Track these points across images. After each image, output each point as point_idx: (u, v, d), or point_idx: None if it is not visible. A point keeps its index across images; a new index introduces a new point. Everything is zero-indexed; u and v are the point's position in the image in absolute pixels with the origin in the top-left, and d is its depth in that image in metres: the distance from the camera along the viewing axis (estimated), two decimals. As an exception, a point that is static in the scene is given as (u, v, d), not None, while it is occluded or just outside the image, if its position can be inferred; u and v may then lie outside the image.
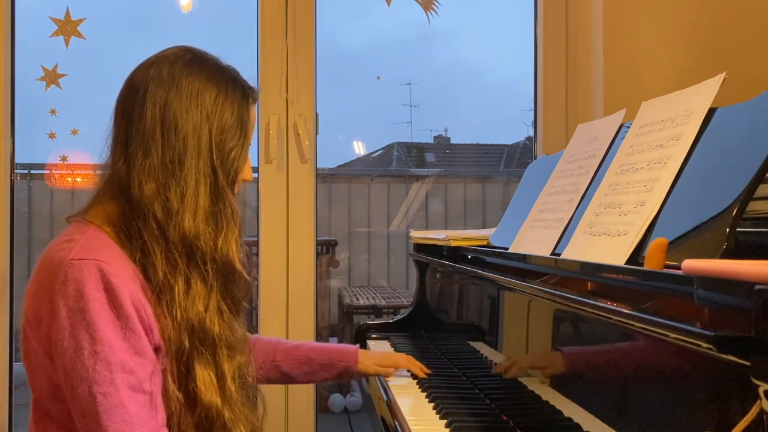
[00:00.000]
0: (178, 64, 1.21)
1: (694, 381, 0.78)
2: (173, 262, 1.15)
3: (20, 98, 2.61)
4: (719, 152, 1.02)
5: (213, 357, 1.17)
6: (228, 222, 1.20)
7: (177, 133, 1.17)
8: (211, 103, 1.20)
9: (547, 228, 1.40)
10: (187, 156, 1.17)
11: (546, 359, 1.22)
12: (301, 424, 2.59)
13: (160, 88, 1.18)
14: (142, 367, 1.09)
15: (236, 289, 1.23)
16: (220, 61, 1.26)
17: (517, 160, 4.45)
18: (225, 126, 1.21)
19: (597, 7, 2.49)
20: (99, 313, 1.06)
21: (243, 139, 1.24)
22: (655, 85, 2.17)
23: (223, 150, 1.20)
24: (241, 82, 1.26)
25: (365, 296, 4.04)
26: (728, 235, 0.88)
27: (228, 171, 1.21)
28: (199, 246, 1.16)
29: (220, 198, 1.19)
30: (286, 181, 2.60)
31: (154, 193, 1.15)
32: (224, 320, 1.19)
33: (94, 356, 1.05)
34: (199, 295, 1.16)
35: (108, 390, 1.05)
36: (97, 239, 1.13)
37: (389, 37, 5.42)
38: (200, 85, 1.20)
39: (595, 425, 0.99)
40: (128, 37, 3.34)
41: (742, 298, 0.65)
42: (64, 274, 1.07)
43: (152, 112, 1.17)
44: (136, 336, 1.08)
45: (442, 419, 1.34)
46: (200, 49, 1.26)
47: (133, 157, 1.17)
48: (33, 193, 3.59)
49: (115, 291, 1.07)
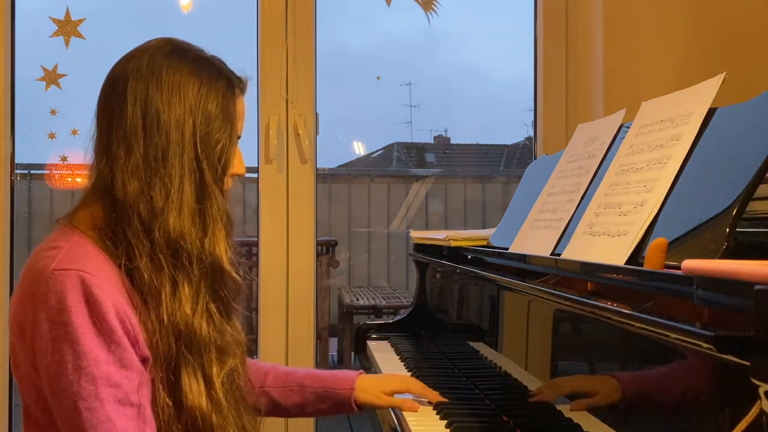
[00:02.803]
0: (157, 56, 1.15)
1: (694, 381, 0.78)
2: (159, 264, 1.10)
3: (20, 98, 2.61)
4: (719, 152, 1.02)
5: (200, 361, 1.12)
6: (215, 220, 1.15)
7: (159, 128, 1.12)
8: (194, 95, 1.14)
9: (547, 228, 1.40)
10: (171, 151, 1.12)
11: (546, 360, 1.22)
12: (301, 424, 2.59)
13: (140, 82, 1.13)
14: (129, 380, 1.05)
15: (226, 290, 1.17)
16: (203, 52, 1.20)
17: (517, 160, 4.45)
18: (209, 118, 1.15)
19: (597, 7, 2.49)
20: (81, 326, 1.02)
21: (230, 131, 1.17)
22: (655, 85, 2.16)
23: (208, 144, 1.15)
24: (226, 72, 1.20)
25: (365, 296, 4.04)
26: (728, 235, 0.88)
27: (215, 166, 1.15)
28: (185, 246, 1.11)
29: (206, 195, 1.14)
30: (286, 181, 2.60)
31: (138, 193, 1.10)
32: (213, 323, 1.14)
33: (78, 371, 1.01)
34: (186, 297, 1.11)
35: (93, 405, 1.02)
36: (81, 247, 1.09)
37: (390, 39, 5.42)
38: (182, 77, 1.14)
39: (595, 425, 0.99)
40: (128, 37, 3.33)
41: (742, 298, 0.65)
42: (46, 285, 1.04)
43: (133, 107, 1.12)
44: (121, 348, 1.04)
45: (443, 419, 1.34)
46: (182, 40, 1.21)
47: (115, 156, 1.12)
48: (33, 193, 3.58)
49: (98, 302, 1.03)
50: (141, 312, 1.10)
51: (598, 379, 1.04)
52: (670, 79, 2.28)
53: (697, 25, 2.31)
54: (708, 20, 2.31)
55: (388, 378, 1.53)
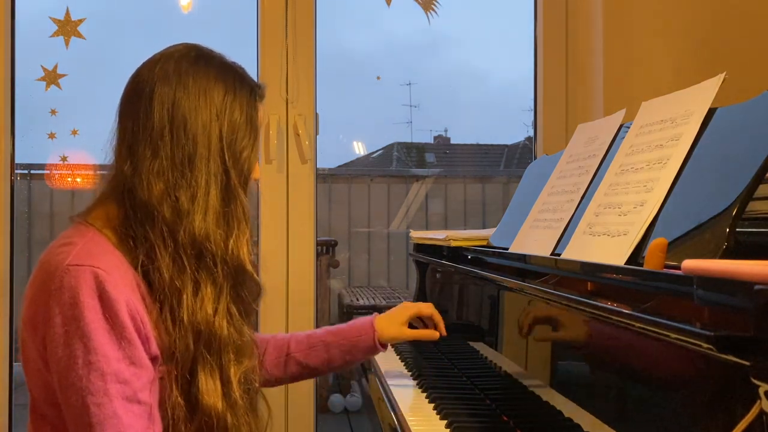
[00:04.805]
0: (183, 62, 1.18)
1: (694, 381, 0.78)
2: (181, 264, 1.12)
3: (20, 98, 2.61)
4: (719, 152, 1.02)
5: (219, 362, 1.14)
6: (239, 222, 1.17)
7: (186, 131, 1.14)
8: (220, 101, 1.17)
9: (547, 228, 1.40)
10: (197, 156, 1.14)
11: (546, 360, 1.22)
12: (301, 424, 2.59)
13: (166, 87, 1.15)
14: (138, 377, 1.06)
15: (246, 291, 1.20)
16: (225, 59, 1.23)
17: (517, 160, 4.44)
18: (235, 125, 1.18)
19: (597, 7, 2.49)
20: (94, 321, 1.03)
21: (254, 139, 1.21)
22: (655, 85, 2.16)
23: (234, 150, 1.17)
24: (249, 79, 1.24)
25: (365, 296, 4.04)
26: (728, 235, 0.88)
27: (241, 171, 1.18)
28: (210, 248, 1.13)
29: (232, 198, 1.17)
30: (286, 181, 2.60)
31: (162, 194, 1.12)
32: (233, 324, 1.16)
33: (88, 366, 1.03)
34: (209, 297, 1.13)
35: (101, 400, 1.03)
36: (96, 244, 1.11)
37: (391, 39, 5.42)
38: (208, 84, 1.17)
39: (595, 425, 0.99)
40: (128, 37, 3.34)
41: (742, 298, 0.65)
42: (60, 281, 1.05)
43: (160, 111, 1.14)
44: (132, 345, 1.06)
45: (443, 419, 1.34)
46: (204, 46, 1.23)
47: (140, 158, 1.14)
48: (33, 193, 3.58)
49: (111, 299, 1.05)
50: (154, 311, 1.12)
51: (597, 378, 1.04)
52: (670, 79, 2.27)
53: (697, 25, 2.31)
54: (708, 20, 2.31)
55: (400, 310, 1.60)
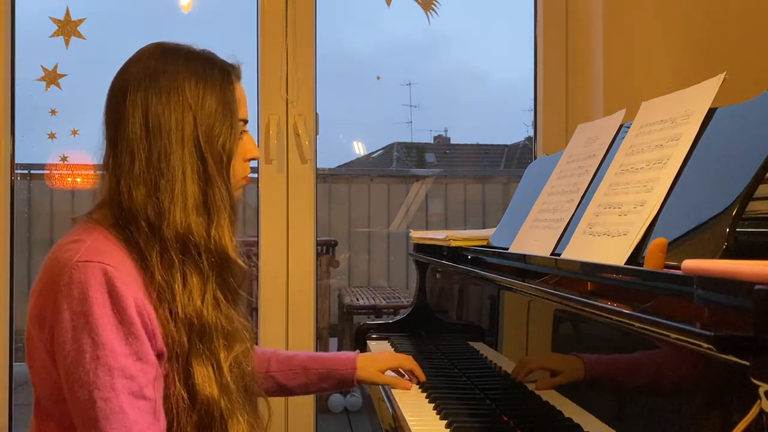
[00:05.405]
0: (150, 61, 1.19)
1: (694, 381, 0.78)
2: (169, 261, 1.14)
3: (20, 98, 2.61)
4: (719, 152, 1.02)
5: (209, 347, 1.16)
6: (219, 209, 1.18)
7: (161, 132, 1.15)
8: (192, 92, 1.17)
9: (547, 228, 1.40)
10: (173, 150, 1.15)
11: (546, 360, 1.22)
12: (301, 424, 2.59)
13: (138, 91, 1.16)
14: (144, 373, 1.07)
15: (232, 277, 1.21)
16: (192, 48, 1.23)
17: (517, 160, 4.44)
18: (209, 113, 1.18)
19: (597, 7, 2.49)
20: (102, 317, 1.05)
21: (230, 119, 1.20)
22: (655, 85, 2.16)
23: (210, 136, 1.18)
24: (219, 62, 1.23)
25: (365, 296, 4.04)
26: (728, 235, 0.88)
27: (218, 155, 1.18)
28: (192, 239, 1.15)
29: (209, 184, 1.18)
30: (286, 181, 2.60)
31: (144, 198, 1.14)
32: (221, 310, 1.18)
33: (96, 360, 1.04)
34: (196, 287, 1.15)
35: (108, 395, 1.04)
36: (104, 241, 1.13)
37: (391, 39, 5.42)
38: (177, 77, 1.18)
39: (595, 425, 0.99)
40: (128, 37, 3.34)
41: (742, 298, 0.65)
42: (69, 276, 1.07)
43: (134, 116, 1.16)
44: (139, 341, 1.07)
45: (443, 420, 1.34)
46: (170, 42, 1.24)
47: (120, 167, 1.16)
48: (33, 193, 3.58)
49: (119, 295, 1.06)
50: (157, 308, 1.13)
51: (597, 378, 1.04)
52: (670, 79, 2.27)
53: (697, 25, 2.31)
54: (708, 20, 2.31)
55: (384, 356, 1.65)
